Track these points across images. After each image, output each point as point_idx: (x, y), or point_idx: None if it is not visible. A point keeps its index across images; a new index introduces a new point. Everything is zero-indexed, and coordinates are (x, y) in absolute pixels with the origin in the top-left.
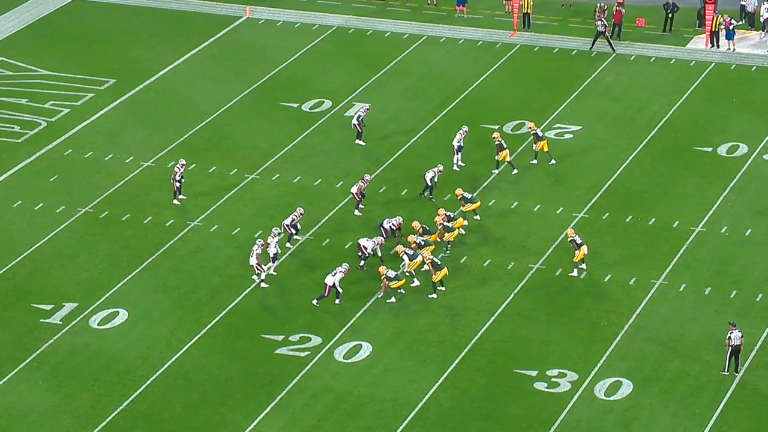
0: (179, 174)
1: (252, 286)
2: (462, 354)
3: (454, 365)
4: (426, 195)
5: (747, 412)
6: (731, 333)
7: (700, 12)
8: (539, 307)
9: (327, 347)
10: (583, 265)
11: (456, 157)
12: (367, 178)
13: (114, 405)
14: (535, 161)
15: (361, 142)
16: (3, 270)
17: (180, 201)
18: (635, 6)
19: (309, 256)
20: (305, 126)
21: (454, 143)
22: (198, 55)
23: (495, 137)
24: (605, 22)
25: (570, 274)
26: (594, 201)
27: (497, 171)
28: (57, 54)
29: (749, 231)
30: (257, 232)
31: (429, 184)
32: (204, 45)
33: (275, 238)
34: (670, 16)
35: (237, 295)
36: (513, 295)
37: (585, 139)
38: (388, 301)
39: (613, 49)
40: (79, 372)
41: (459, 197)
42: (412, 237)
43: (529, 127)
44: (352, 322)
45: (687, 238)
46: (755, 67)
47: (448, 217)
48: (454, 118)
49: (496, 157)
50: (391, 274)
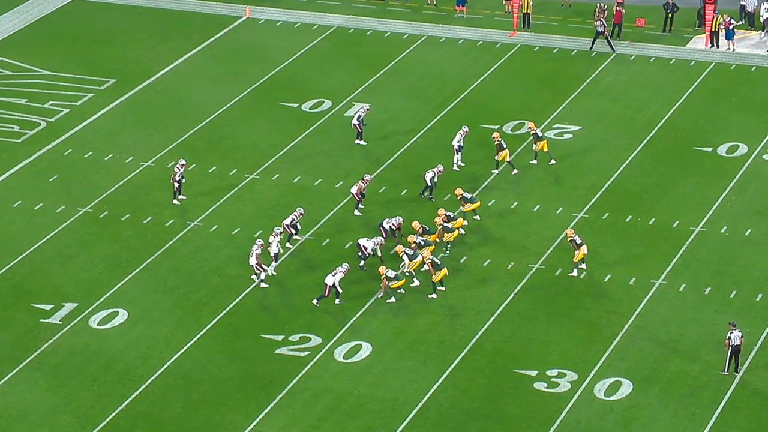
0: (179, 174)
1: (252, 286)
2: (462, 354)
3: (453, 365)
4: (426, 195)
5: (747, 412)
6: (731, 333)
7: (699, 12)
8: (539, 307)
9: (327, 347)
10: (583, 265)
11: (456, 157)
12: (367, 178)
13: (114, 405)
14: (535, 161)
15: (362, 141)
16: (3, 270)
17: (180, 201)
18: (635, 6)
19: (309, 256)
20: (305, 126)
21: (453, 143)
22: (198, 55)
23: (495, 137)
24: (604, 21)
25: (570, 274)
26: (594, 201)
27: (497, 171)
28: (57, 54)
29: (749, 231)
30: (257, 232)
31: (429, 184)
32: (204, 45)
33: (277, 237)
34: (669, 16)
35: (237, 295)
36: (513, 295)
37: (585, 139)
38: (387, 301)
39: (613, 49)
40: (79, 372)
41: (459, 197)
42: (411, 237)
43: (529, 127)
44: (352, 322)
45: (687, 238)
46: (755, 67)
47: (447, 217)
48: (453, 118)
49: (495, 157)
50: (391, 274)
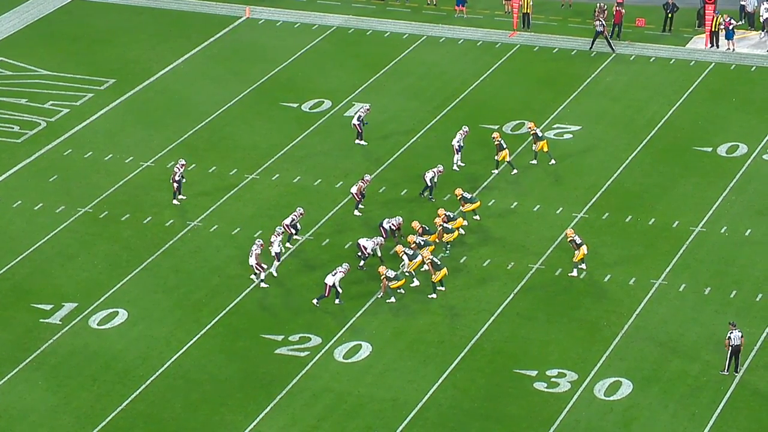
0: (179, 174)
1: (252, 286)
2: (462, 354)
3: (453, 365)
4: (425, 195)
5: (747, 412)
6: (731, 333)
7: (699, 12)
8: (539, 307)
9: (327, 347)
10: (583, 265)
11: (456, 157)
12: (367, 178)
13: (114, 405)
14: (535, 161)
15: (362, 141)
16: (3, 270)
17: (180, 201)
18: (635, 6)
19: (309, 256)
20: (305, 126)
21: (453, 143)
22: (198, 55)
23: (495, 137)
24: (603, 21)
25: (570, 274)
26: (594, 201)
27: (497, 171)
28: (56, 54)
29: (749, 231)
30: (257, 232)
31: (429, 184)
32: (204, 45)
33: (278, 237)
34: (669, 16)
35: (237, 295)
36: (513, 295)
37: (585, 139)
38: (387, 301)
39: (613, 49)
40: (79, 372)
41: (459, 197)
42: (411, 237)
43: (529, 127)
44: (351, 322)
45: (687, 238)
46: (755, 67)
47: (447, 217)
48: (453, 118)
49: (495, 157)
50: (391, 274)
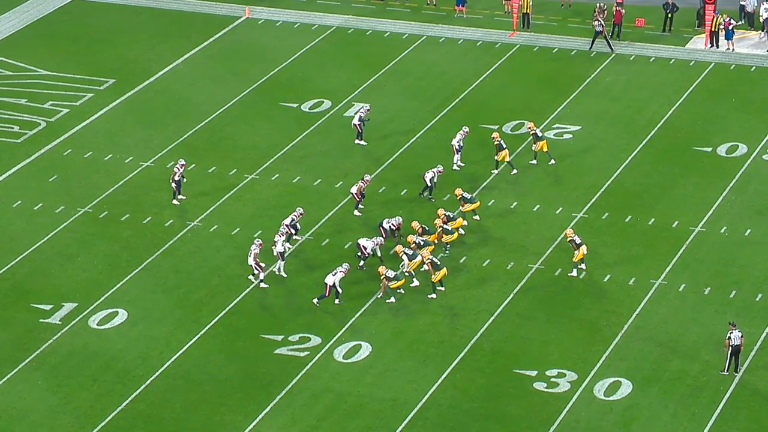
0: (178, 174)
1: (251, 286)
2: (461, 354)
3: (453, 365)
4: (425, 195)
5: (746, 412)
6: (731, 333)
7: (699, 12)
8: (538, 307)
9: (326, 347)
10: (583, 265)
11: (456, 157)
12: (367, 178)
13: (113, 405)
14: (535, 161)
15: (362, 141)
16: (2, 270)
17: (179, 201)
18: (635, 6)
19: (309, 256)
20: (305, 126)
21: (453, 143)
22: (197, 55)
23: (494, 137)
24: (602, 21)
25: (569, 274)
26: (593, 201)
27: (497, 171)
28: (56, 54)
29: (749, 231)
30: (257, 232)
31: (428, 184)
32: (203, 45)
33: (282, 237)
34: (669, 16)
35: (236, 295)
36: (512, 295)
37: (584, 139)
38: (387, 301)
39: (612, 49)
40: (79, 372)
41: (458, 197)
42: (411, 237)
43: (529, 127)
44: (351, 322)
45: (686, 238)
46: (755, 67)
47: (447, 217)
48: (453, 118)
49: (495, 157)
50: (391, 274)
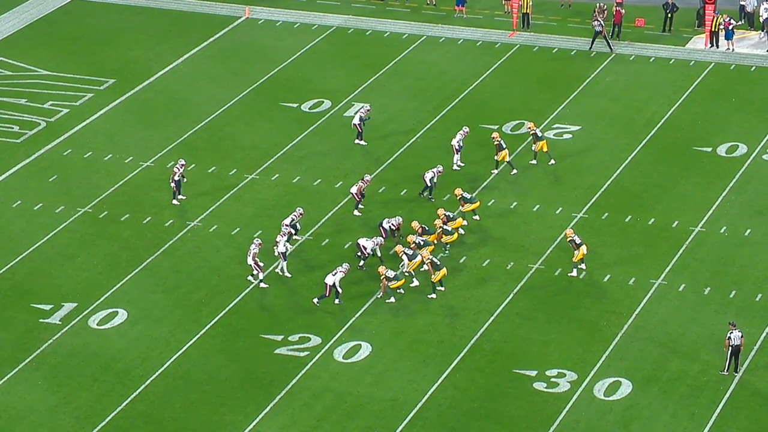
0: (178, 174)
1: (251, 286)
2: (461, 354)
3: (453, 365)
4: (425, 195)
5: (746, 412)
6: (731, 333)
7: (699, 12)
8: (538, 307)
9: (326, 347)
10: (583, 265)
11: (455, 157)
12: (367, 178)
13: (113, 405)
14: (535, 161)
15: (362, 141)
16: (2, 270)
17: (179, 201)
18: (635, 6)
19: (309, 256)
20: (305, 126)
21: (453, 143)
22: (197, 55)
23: (494, 137)
24: (602, 21)
25: (569, 274)
26: (593, 201)
27: (496, 171)
28: (56, 54)
29: (748, 231)
30: (257, 232)
31: (428, 184)
32: (203, 45)
33: (284, 237)
34: (669, 16)
35: (236, 295)
36: (512, 295)
37: (584, 139)
38: (387, 301)
39: (611, 49)
40: (79, 372)
41: (458, 197)
42: (411, 237)
43: (529, 127)
44: (351, 322)
45: (686, 238)
46: (754, 67)
47: (447, 217)
48: (453, 118)
49: (495, 157)
50: (391, 274)
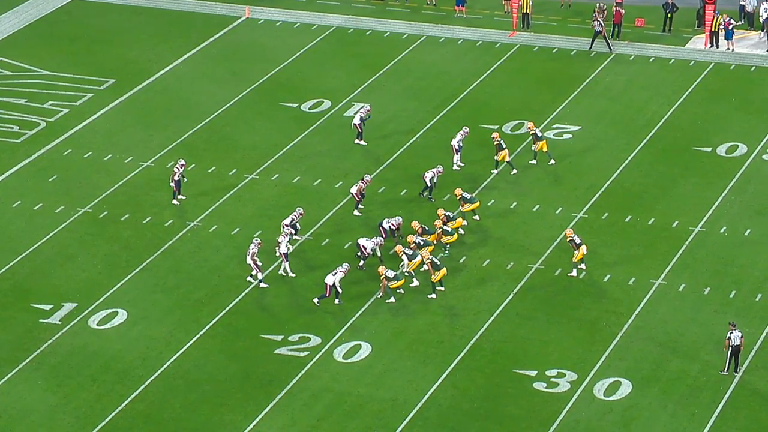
0: (178, 174)
1: (251, 286)
2: (461, 354)
3: (453, 365)
4: (425, 195)
5: (746, 412)
6: (731, 333)
7: (699, 12)
8: (538, 307)
9: (326, 347)
10: (582, 265)
11: (455, 158)
12: (367, 178)
13: (113, 405)
14: (535, 161)
15: (362, 142)
16: (2, 270)
17: (179, 201)
18: (634, 6)
19: (308, 256)
20: (304, 126)
21: (453, 143)
22: (197, 55)
23: (494, 137)
24: (601, 21)
25: (569, 274)
26: (593, 201)
27: (496, 171)
28: (56, 54)
29: (748, 231)
30: (257, 232)
31: (428, 184)
32: (203, 45)
33: (286, 237)
34: (669, 16)
35: (236, 295)
36: (512, 295)
37: (584, 139)
38: (387, 301)
39: (610, 49)
40: (79, 372)
41: (458, 197)
42: (411, 237)
43: (528, 127)
44: (351, 322)
45: (686, 238)
46: (754, 67)
47: (447, 217)
48: (453, 118)
49: (495, 157)
50: (390, 274)
